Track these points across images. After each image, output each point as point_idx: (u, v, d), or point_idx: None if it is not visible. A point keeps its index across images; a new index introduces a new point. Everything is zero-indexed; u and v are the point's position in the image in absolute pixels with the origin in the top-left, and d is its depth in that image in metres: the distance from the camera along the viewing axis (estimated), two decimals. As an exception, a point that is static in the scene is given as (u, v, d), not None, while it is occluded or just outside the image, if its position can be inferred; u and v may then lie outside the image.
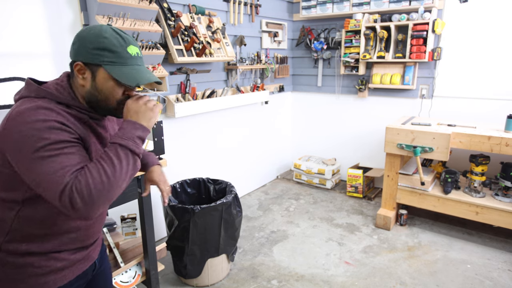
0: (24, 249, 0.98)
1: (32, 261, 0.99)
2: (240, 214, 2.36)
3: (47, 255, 1.01)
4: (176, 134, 2.90)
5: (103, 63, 0.94)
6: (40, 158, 0.85)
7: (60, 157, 0.86)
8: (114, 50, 0.95)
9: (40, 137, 0.85)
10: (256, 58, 3.47)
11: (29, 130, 0.85)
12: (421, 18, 3.10)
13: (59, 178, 0.84)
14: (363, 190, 3.69)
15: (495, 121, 2.96)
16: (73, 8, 2.11)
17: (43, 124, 0.86)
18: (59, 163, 0.86)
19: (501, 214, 2.59)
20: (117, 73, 0.95)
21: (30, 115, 0.87)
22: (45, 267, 1.01)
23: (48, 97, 0.94)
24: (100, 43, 0.94)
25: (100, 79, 0.96)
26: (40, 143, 0.85)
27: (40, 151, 0.85)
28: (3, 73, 1.86)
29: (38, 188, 0.88)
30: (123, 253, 1.99)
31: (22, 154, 0.86)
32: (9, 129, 0.87)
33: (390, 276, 2.41)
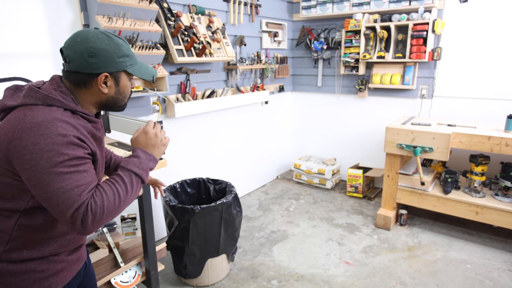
0: (25, 256, 0.98)
1: (34, 267, 1.00)
2: (240, 214, 2.36)
3: (47, 258, 1.03)
4: (176, 134, 2.90)
5: (126, 67, 1.04)
6: (57, 174, 0.87)
7: (75, 175, 0.89)
8: (129, 54, 1.05)
9: (58, 152, 0.87)
10: (256, 58, 3.47)
11: (48, 144, 0.87)
12: (421, 18, 3.10)
13: (75, 196, 0.87)
14: (363, 190, 3.69)
15: (495, 121, 2.96)
16: (73, 8, 2.11)
17: (63, 140, 0.89)
18: (75, 181, 0.89)
19: (501, 214, 2.59)
20: (137, 72, 1.07)
21: (48, 128, 0.88)
22: (47, 271, 1.02)
23: (56, 104, 0.95)
24: (121, 51, 1.02)
25: (123, 82, 1.06)
26: (58, 159, 0.87)
27: (57, 167, 0.87)
28: (3, 73, 1.86)
29: (47, 202, 0.89)
30: (123, 253, 1.99)
31: (37, 168, 0.86)
32: (24, 140, 0.87)
33: (390, 276, 2.41)
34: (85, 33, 0.98)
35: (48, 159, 0.86)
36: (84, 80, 1.00)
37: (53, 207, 0.88)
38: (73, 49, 0.97)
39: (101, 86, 1.01)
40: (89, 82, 1.00)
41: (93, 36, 0.98)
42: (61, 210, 0.87)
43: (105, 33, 1.01)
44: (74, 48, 0.97)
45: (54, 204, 0.88)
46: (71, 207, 0.87)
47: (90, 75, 0.99)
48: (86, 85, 1.01)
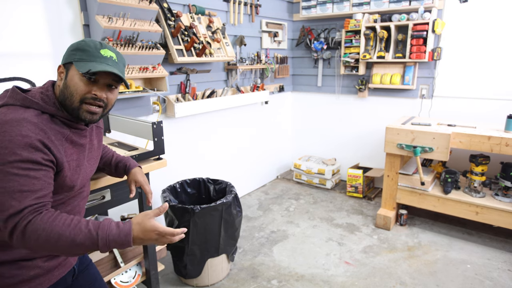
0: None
1: (2, 271, 0.95)
2: (240, 214, 2.36)
3: (17, 263, 0.97)
4: (176, 134, 2.90)
5: (74, 60, 0.99)
6: (3, 172, 0.84)
7: (23, 178, 0.85)
8: (86, 49, 1.00)
9: (12, 151, 0.85)
10: (256, 58, 3.47)
11: (4, 142, 0.85)
12: (421, 18, 3.10)
13: (14, 200, 0.84)
14: (363, 190, 3.69)
15: (495, 121, 2.96)
16: (73, 8, 2.11)
17: (22, 140, 0.86)
18: (20, 185, 0.85)
19: (501, 214, 2.59)
20: (80, 65, 0.98)
21: (13, 127, 0.87)
22: (17, 276, 0.97)
23: (34, 107, 0.95)
24: (77, 45, 1.01)
25: (70, 75, 1.00)
26: (9, 158, 0.85)
27: (5, 166, 0.85)
28: (3, 73, 1.86)
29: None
30: (123, 253, 1.99)
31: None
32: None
33: (390, 276, 2.42)
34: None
35: (1, 156, 0.85)
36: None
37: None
38: None
39: (58, 78, 1.03)
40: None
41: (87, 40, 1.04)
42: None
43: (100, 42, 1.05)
44: None
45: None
46: (6, 210, 0.83)
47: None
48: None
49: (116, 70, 1.01)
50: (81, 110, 1.01)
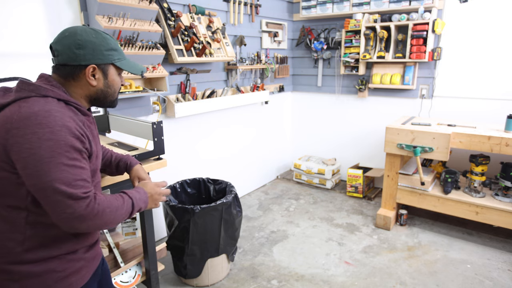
0: (43, 256, 0.97)
1: (54, 266, 0.99)
2: (240, 214, 2.36)
3: (65, 257, 1.02)
4: (176, 134, 2.90)
5: (114, 61, 1.07)
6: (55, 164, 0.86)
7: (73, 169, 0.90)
8: (116, 48, 1.08)
9: (58, 142, 0.87)
10: (256, 58, 3.47)
11: (47, 134, 0.86)
12: (421, 18, 3.10)
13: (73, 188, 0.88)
14: (363, 190, 3.69)
15: (495, 121, 2.96)
16: (73, 8, 2.11)
17: (60, 130, 0.88)
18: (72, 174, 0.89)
19: (501, 214, 2.59)
20: (126, 66, 1.10)
21: (46, 118, 0.87)
22: (67, 269, 1.02)
23: (50, 95, 0.95)
24: (108, 44, 1.05)
25: (112, 76, 1.08)
26: (58, 149, 0.87)
27: (56, 157, 0.87)
28: (3, 73, 1.86)
29: (42, 192, 0.87)
30: (123, 253, 1.99)
31: (35, 157, 0.85)
32: (22, 129, 0.86)
33: (390, 276, 2.42)
34: (73, 28, 1.02)
35: (48, 148, 0.86)
36: (72, 73, 1.01)
37: (49, 199, 0.87)
38: (61, 42, 0.99)
39: (89, 78, 1.03)
40: (77, 74, 1.01)
41: (81, 30, 1.01)
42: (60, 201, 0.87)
43: (93, 29, 1.04)
44: (62, 42, 0.99)
45: (50, 194, 0.86)
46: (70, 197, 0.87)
47: (78, 67, 1.01)
48: (74, 77, 1.02)
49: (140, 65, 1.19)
50: (116, 101, 1.16)
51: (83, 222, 0.90)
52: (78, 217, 0.88)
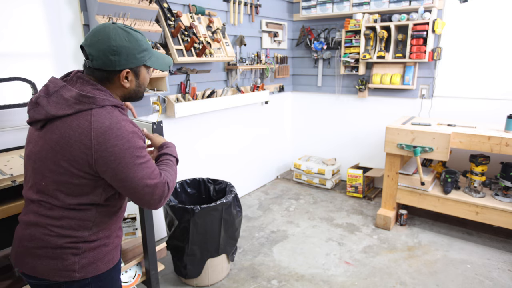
0: (101, 236, 1.15)
1: (105, 242, 1.17)
2: (240, 214, 2.36)
3: (112, 234, 1.20)
4: (176, 134, 2.90)
5: (145, 61, 1.12)
6: (138, 165, 1.04)
7: (148, 163, 1.07)
8: (147, 47, 1.13)
9: (134, 147, 1.03)
10: (256, 58, 3.47)
11: (125, 143, 1.02)
12: (421, 18, 3.10)
13: (154, 178, 1.06)
14: (363, 190, 3.69)
15: (495, 121, 2.96)
16: (73, 8, 2.11)
17: (132, 136, 1.04)
18: (149, 167, 1.06)
19: (501, 214, 2.59)
20: (155, 64, 1.15)
21: (119, 129, 1.02)
22: (112, 244, 1.20)
23: (107, 104, 1.05)
24: (140, 46, 1.09)
25: (143, 75, 1.15)
26: (136, 153, 1.03)
27: (137, 159, 1.04)
28: (3, 73, 1.86)
29: (133, 190, 1.05)
30: (123, 253, 1.99)
31: (123, 164, 1.01)
32: (104, 144, 1.00)
33: (390, 276, 2.42)
34: (105, 30, 1.04)
35: (130, 155, 1.02)
36: (107, 77, 1.09)
37: (139, 193, 1.05)
38: (96, 47, 1.03)
39: (123, 82, 1.10)
40: (112, 78, 1.09)
41: (114, 34, 1.04)
42: (148, 192, 1.05)
43: (124, 29, 1.07)
44: (96, 46, 1.03)
45: (140, 189, 1.04)
46: (156, 187, 1.06)
47: (113, 72, 1.08)
48: (110, 80, 1.10)
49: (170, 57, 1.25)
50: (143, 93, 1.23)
51: (166, 198, 1.10)
52: (165, 196, 1.09)
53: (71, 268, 1.09)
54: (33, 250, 1.09)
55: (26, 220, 1.11)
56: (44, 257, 1.08)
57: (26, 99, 1.84)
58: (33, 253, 1.09)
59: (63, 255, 1.08)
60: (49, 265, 1.08)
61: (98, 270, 1.14)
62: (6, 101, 1.78)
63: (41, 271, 1.09)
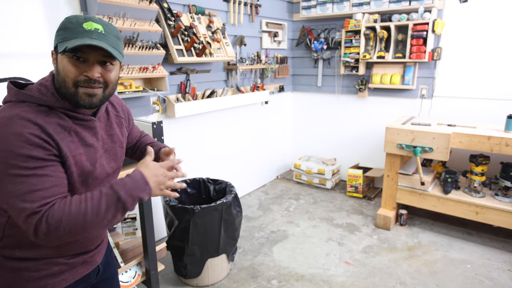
0: (18, 256, 0.95)
1: (28, 266, 0.96)
2: (240, 214, 2.36)
3: (44, 259, 0.98)
4: (176, 134, 2.90)
5: (58, 41, 0.89)
6: (10, 176, 0.81)
7: (31, 178, 0.82)
8: (68, 26, 0.88)
9: (13, 152, 0.81)
10: (256, 58, 3.47)
11: (2, 144, 0.81)
12: (421, 18, 3.10)
13: (27, 202, 0.81)
14: (363, 190, 3.69)
15: (495, 121, 2.96)
16: (73, 8, 2.11)
17: (17, 138, 0.81)
18: (29, 185, 0.82)
19: (501, 214, 2.59)
20: (62, 45, 0.87)
21: (5, 126, 0.82)
22: (42, 271, 0.98)
23: (28, 100, 0.88)
24: (61, 24, 0.89)
25: (59, 59, 0.91)
26: (12, 161, 0.81)
27: (11, 168, 0.81)
28: (3, 73, 1.86)
29: (5, 204, 0.86)
30: (123, 253, 1.99)
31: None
32: None
33: (390, 276, 2.42)
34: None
35: (2, 160, 0.81)
36: None
37: (10, 211, 0.84)
38: None
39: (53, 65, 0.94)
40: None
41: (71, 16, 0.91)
42: (15, 215, 0.83)
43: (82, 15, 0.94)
44: None
45: (9, 207, 0.83)
46: (23, 212, 0.81)
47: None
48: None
49: (102, 43, 0.88)
50: (78, 95, 0.91)
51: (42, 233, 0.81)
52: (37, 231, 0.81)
53: None
54: None
55: None
56: None
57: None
58: None
59: None
60: None
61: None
62: (6, 101, 1.78)
63: None
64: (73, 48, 0.86)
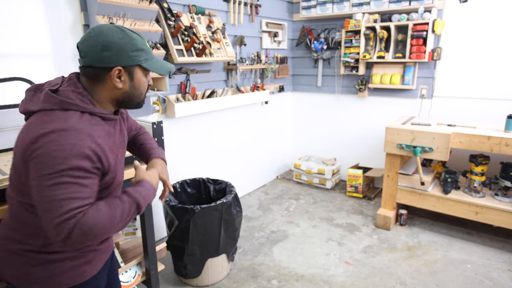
0: (61, 248, 1.03)
1: (69, 256, 1.06)
2: (240, 214, 2.37)
3: (82, 248, 1.08)
4: (176, 134, 2.90)
5: (141, 62, 1.03)
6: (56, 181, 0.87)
7: (74, 186, 0.89)
8: (143, 48, 1.04)
9: (64, 160, 0.88)
10: (256, 58, 3.47)
11: (56, 152, 0.88)
12: (421, 18, 3.10)
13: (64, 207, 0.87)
14: (363, 190, 3.69)
15: (495, 121, 2.96)
16: (73, 8, 2.11)
17: (72, 149, 0.89)
18: (70, 192, 0.88)
19: (501, 214, 2.59)
20: (153, 67, 1.06)
21: (61, 136, 0.90)
22: (80, 259, 1.08)
23: (73, 108, 0.96)
24: (134, 45, 1.01)
25: (138, 77, 1.06)
26: (61, 166, 0.88)
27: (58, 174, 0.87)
28: (3, 73, 1.86)
29: (39, 206, 0.90)
30: (123, 253, 1.99)
31: (41, 172, 0.88)
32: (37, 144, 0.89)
33: (390, 276, 2.42)
34: (99, 27, 1.00)
35: (52, 165, 0.87)
36: (98, 75, 1.01)
37: (42, 212, 0.89)
38: (88, 43, 0.99)
39: (115, 81, 1.01)
40: (103, 76, 1.01)
41: (107, 30, 0.99)
42: (48, 217, 0.87)
43: (120, 27, 1.02)
44: (88, 42, 0.99)
45: (43, 209, 0.88)
46: (58, 217, 0.86)
47: (104, 69, 1.00)
48: (100, 80, 1.02)
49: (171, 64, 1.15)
50: (142, 102, 1.12)
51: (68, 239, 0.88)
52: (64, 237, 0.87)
53: (29, 278, 1.02)
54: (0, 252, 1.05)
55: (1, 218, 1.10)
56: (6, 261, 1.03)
57: (26, 99, 1.84)
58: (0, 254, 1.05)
59: (21, 263, 1.02)
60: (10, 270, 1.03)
61: (59, 285, 1.05)
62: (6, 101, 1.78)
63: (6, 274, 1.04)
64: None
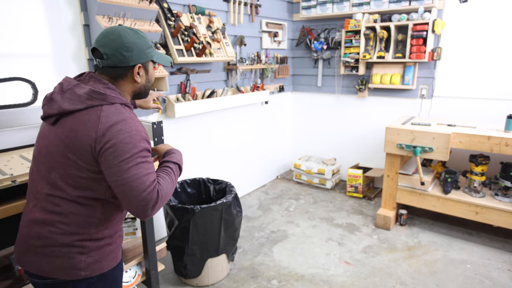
0: (106, 234, 1.17)
1: (109, 241, 1.19)
2: (240, 214, 2.36)
3: (115, 234, 1.22)
4: (176, 134, 2.90)
5: (153, 57, 1.20)
6: (133, 162, 1.04)
7: (146, 164, 1.07)
8: (151, 44, 1.21)
9: (135, 144, 1.05)
10: (256, 58, 3.47)
11: (127, 138, 1.04)
12: (421, 18, 3.10)
13: (147, 182, 1.05)
14: (363, 190, 3.69)
15: (495, 121, 2.96)
16: (73, 8, 2.11)
17: (137, 134, 1.07)
18: (145, 169, 1.06)
19: (501, 214, 2.59)
20: (160, 60, 1.24)
21: (124, 125, 1.06)
22: (115, 243, 1.22)
23: (117, 102, 1.11)
24: (147, 43, 1.18)
25: (151, 70, 1.23)
26: (135, 150, 1.05)
27: (134, 157, 1.04)
28: (3, 73, 1.86)
29: (122, 187, 1.03)
30: (123, 253, 1.99)
31: (119, 158, 1.02)
32: (107, 136, 1.03)
33: (390, 276, 2.42)
34: (115, 30, 1.12)
35: (128, 150, 1.03)
36: (122, 73, 1.15)
37: (127, 192, 1.03)
38: (110, 46, 1.10)
39: (136, 77, 1.17)
40: (125, 74, 1.16)
41: (124, 32, 1.12)
42: (134, 194, 1.03)
43: (130, 28, 1.15)
44: (110, 45, 1.10)
45: (128, 189, 1.03)
46: (144, 191, 1.03)
47: (127, 68, 1.14)
48: (123, 77, 1.16)
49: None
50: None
51: (155, 207, 1.06)
52: (152, 205, 1.05)
53: (77, 266, 1.11)
54: (39, 249, 1.09)
55: (32, 218, 1.11)
56: (50, 256, 1.09)
57: (26, 99, 1.84)
58: (39, 251, 1.10)
59: (70, 254, 1.10)
60: (55, 263, 1.09)
61: (102, 268, 1.16)
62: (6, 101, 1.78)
63: (47, 269, 1.10)
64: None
